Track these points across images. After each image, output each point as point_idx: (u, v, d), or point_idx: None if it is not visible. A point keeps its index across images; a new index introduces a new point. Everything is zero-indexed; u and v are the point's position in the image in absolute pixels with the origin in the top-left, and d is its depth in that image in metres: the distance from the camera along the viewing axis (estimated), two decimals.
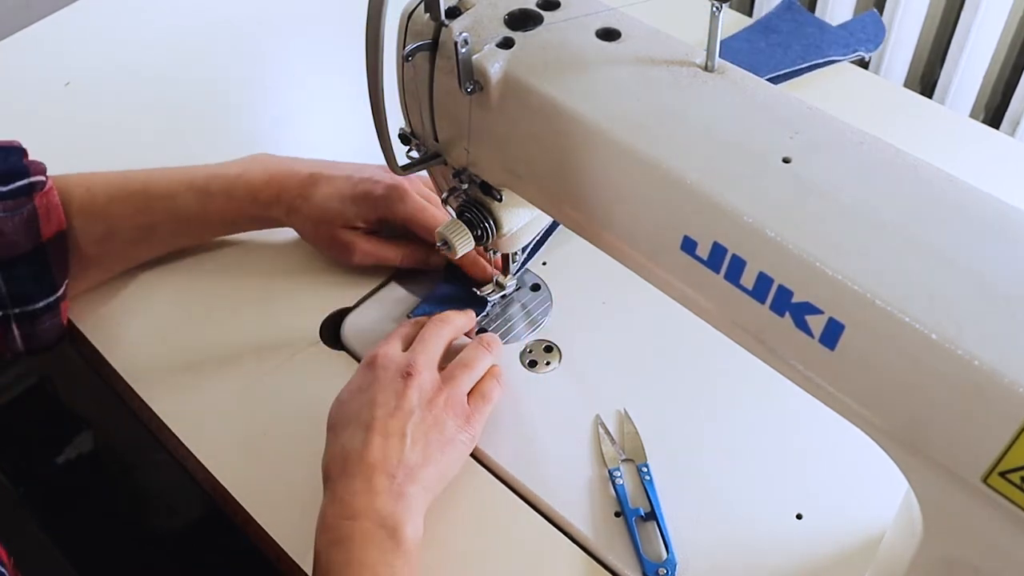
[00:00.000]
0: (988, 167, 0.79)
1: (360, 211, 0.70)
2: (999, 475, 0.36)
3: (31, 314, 0.65)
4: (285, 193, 0.70)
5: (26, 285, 0.65)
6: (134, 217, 0.70)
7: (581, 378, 0.67)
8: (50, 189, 0.65)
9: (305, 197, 0.70)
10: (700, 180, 0.43)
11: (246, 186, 0.70)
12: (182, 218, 0.71)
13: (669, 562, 0.57)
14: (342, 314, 0.72)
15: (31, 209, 0.64)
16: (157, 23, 0.99)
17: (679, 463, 0.62)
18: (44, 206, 0.64)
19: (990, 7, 1.19)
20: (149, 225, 0.70)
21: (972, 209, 0.40)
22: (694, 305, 0.48)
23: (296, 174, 0.70)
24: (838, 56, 0.88)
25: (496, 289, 0.70)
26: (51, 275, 0.66)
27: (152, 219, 0.70)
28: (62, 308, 0.67)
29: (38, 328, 0.66)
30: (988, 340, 0.36)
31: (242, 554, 0.64)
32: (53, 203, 0.65)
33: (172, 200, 0.70)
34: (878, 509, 0.57)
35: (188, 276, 0.74)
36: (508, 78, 0.50)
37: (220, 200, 0.70)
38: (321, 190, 0.70)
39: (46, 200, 0.65)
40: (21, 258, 0.64)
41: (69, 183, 0.68)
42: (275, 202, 0.70)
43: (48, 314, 0.66)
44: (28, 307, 0.65)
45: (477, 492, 0.62)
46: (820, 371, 0.42)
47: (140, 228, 0.70)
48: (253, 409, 0.66)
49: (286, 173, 0.71)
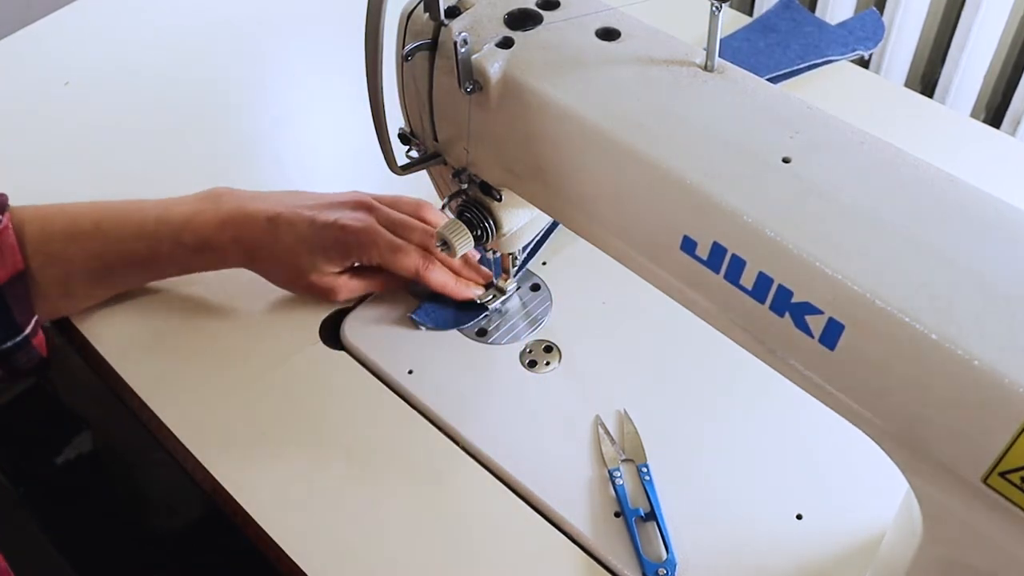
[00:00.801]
0: (989, 167, 0.79)
1: (331, 259, 0.66)
2: (999, 475, 0.36)
3: (2, 354, 0.64)
4: (242, 240, 0.66)
5: None
6: (89, 261, 0.67)
7: (581, 378, 0.67)
8: (4, 229, 0.62)
9: (266, 246, 0.66)
10: (700, 180, 0.43)
11: (195, 232, 0.66)
12: (135, 263, 0.68)
13: (669, 562, 0.57)
14: (342, 314, 0.72)
15: None
16: (157, 23, 0.99)
17: (679, 463, 0.62)
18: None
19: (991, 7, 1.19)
20: (105, 268, 0.67)
21: (973, 209, 0.40)
22: (694, 305, 0.48)
23: (253, 219, 0.66)
24: (837, 55, 0.88)
25: (496, 295, 0.70)
26: (12, 317, 0.63)
27: (107, 262, 0.67)
28: (35, 344, 0.66)
29: (14, 364, 0.66)
30: (988, 340, 0.36)
31: (242, 554, 0.64)
32: (8, 244, 0.62)
33: (122, 244, 0.67)
34: (878, 509, 0.57)
35: (187, 276, 0.74)
36: (508, 78, 0.49)
37: (168, 246, 0.66)
38: (284, 239, 0.66)
39: (0, 241, 0.62)
40: None
41: (24, 219, 0.65)
42: (231, 248, 0.66)
43: (21, 352, 0.65)
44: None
45: (477, 492, 0.62)
46: (820, 371, 0.42)
47: (97, 271, 0.67)
48: (253, 409, 0.66)
49: (242, 218, 0.66)
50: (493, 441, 0.63)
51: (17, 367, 0.66)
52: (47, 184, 0.82)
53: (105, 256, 0.67)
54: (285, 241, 0.66)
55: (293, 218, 0.66)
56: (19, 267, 0.62)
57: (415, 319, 0.70)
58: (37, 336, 0.66)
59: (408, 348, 0.69)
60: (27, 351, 0.66)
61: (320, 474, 0.62)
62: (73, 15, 1.00)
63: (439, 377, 0.67)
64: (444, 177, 0.60)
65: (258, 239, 0.66)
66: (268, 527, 0.60)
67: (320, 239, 0.65)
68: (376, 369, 0.68)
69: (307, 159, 0.85)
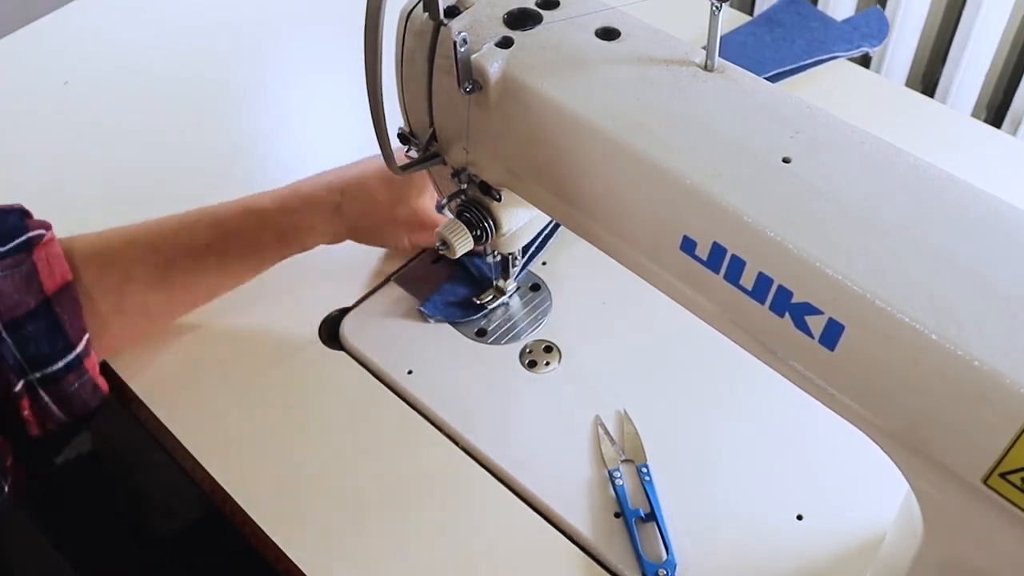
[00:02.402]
0: (989, 167, 0.79)
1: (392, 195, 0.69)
2: (999, 476, 0.36)
3: (53, 377, 0.59)
4: (318, 195, 0.68)
5: (39, 345, 0.59)
6: (148, 256, 0.65)
7: (581, 378, 0.67)
8: (50, 240, 0.60)
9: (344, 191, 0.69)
10: (700, 180, 0.43)
11: (270, 197, 0.67)
12: (197, 248, 0.66)
13: (669, 563, 0.57)
14: (341, 314, 0.72)
15: (30, 263, 0.59)
16: (157, 23, 1.00)
17: (679, 464, 0.62)
18: (44, 258, 0.59)
19: (991, 6, 1.19)
20: (165, 263, 0.65)
21: (973, 209, 0.40)
22: (694, 305, 0.48)
23: (325, 193, 0.68)
24: (842, 52, 0.88)
25: (496, 295, 0.70)
26: (64, 331, 0.59)
27: (167, 255, 0.65)
28: (88, 367, 0.61)
29: (68, 391, 0.60)
30: (989, 340, 0.36)
31: (241, 555, 0.64)
32: (54, 253, 0.60)
33: (184, 233, 0.66)
34: (878, 510, 0.57)
35: None
36: (507, 78, 0.49)
37: (239, 217, 0.66)
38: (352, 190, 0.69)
39: (45, 252, 0.60)
40: (27, 316, 0.58)
41: (75, 237, 0.64)
42: (313, 203, 0.68)
43: (73, 374, 0.60)
44: (48, 369, 0.59)
45: (477, 492, 0.61)
46: (820, 372, 0.42)
47: (156, 267, 0.65)
48: (252, 409, 0.66)
49: (301, 183, 0.69)
50: (493, 441, 0.63)
51: (69, 398, 0.61)
52: (47, 184, 0.82)
53: (165, 248, 0.65)
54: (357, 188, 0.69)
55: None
56: (67, 277, 0.60)
57: (424, 311, 0.70)
58: (89, 357, 0.61)
59: (408, 348, 0.69)
60: (79, 374, 0.61)
61: (319, 474, 0.62)
62: (73, 14, 1.00)
63: (439, 377, 0.67)
64: (444, 177, 0.60)
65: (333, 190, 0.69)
66: (267, 527, 0.60)
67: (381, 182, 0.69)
68: (376, 369, 0.68)
69: (307, 159, 0.85)
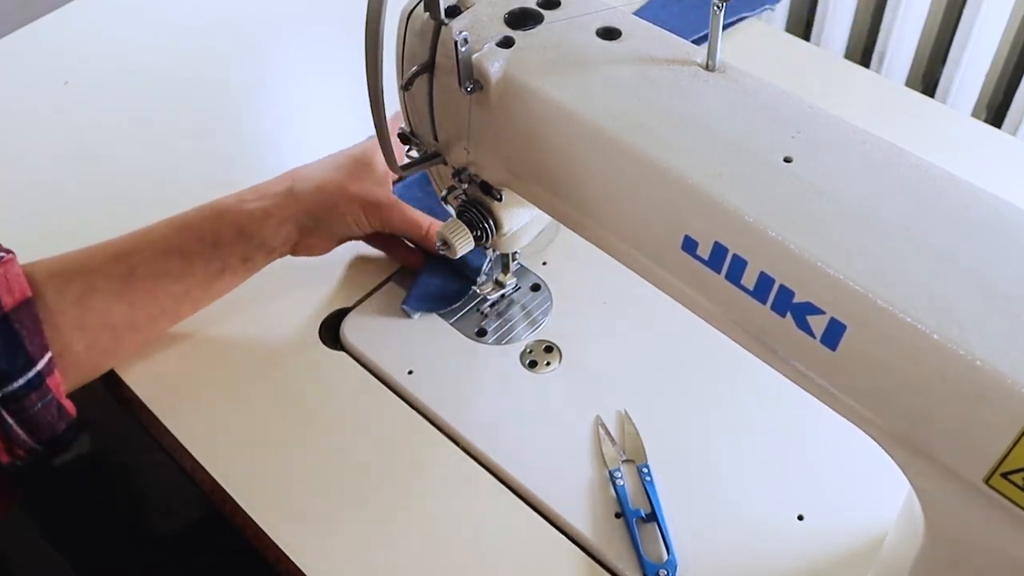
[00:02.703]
0: (990, 167, 0.79)
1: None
2: (1001, 476, 0.36)
3: (14, 396, 0.58)
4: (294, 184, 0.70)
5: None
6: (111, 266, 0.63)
7: (581, 378, 0.67)
8: (9, 261, 0.59)
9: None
10: (701, 180, 0.43)
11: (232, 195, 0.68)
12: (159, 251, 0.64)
13: (670, 563, 0.57)
14: (341, 314, 0.72)
15: None
16: (157, 23, 0.99)
17: (680, 464, 0.62)
18: (2, 276, 0.58)
19: (992, 6, 1.19)
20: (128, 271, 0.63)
21: (974, 209, 0.40)
22: (695, 305, 0.47)
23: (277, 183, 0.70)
24: (748, 12, 0.94)
25: (495, 287, 0.70)
26: (23, 346, 0.58)
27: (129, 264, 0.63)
28: (51, 385, 0.59)
29: (31, 412, 0.59)
30: (990, 340, 0.36)
31: (241, 555, 0.64)
32: (14, 273, 0.59)
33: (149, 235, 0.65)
34: (879, 510, 0.57)
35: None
36: (508, 77, 0.49)
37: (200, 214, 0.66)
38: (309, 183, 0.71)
39: (4, 271, 0.58)
40: None
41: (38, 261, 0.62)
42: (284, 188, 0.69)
43: (35, 393, 0.58)
44: (8, 387, 0.57)
45: (477, 493, 0.61)
46: (821, 372, 0.42)
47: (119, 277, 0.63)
48: (252, 409, 0.66)
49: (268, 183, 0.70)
50: (493, 442, 0.63)
51: (35, 419, 0.59)
52: (47, 184, 0.82)
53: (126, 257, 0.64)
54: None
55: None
56: (26, 294, 0.59)
57: (406, 309, 0.70)
58: (52, 376, 0.59)
59: (408, 348, 0.69)
60: (42, 393, 0.59)
61: (319, 474, 0.62)
62: (73, 14, 1.00)
63: (439, 377, 0.67)
64: (444, 177, 0.60)
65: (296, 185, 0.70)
66: (267, 527, 0.60)
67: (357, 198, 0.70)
68: (376, 369, 0.68)
69: (307, 159, 0.85)
